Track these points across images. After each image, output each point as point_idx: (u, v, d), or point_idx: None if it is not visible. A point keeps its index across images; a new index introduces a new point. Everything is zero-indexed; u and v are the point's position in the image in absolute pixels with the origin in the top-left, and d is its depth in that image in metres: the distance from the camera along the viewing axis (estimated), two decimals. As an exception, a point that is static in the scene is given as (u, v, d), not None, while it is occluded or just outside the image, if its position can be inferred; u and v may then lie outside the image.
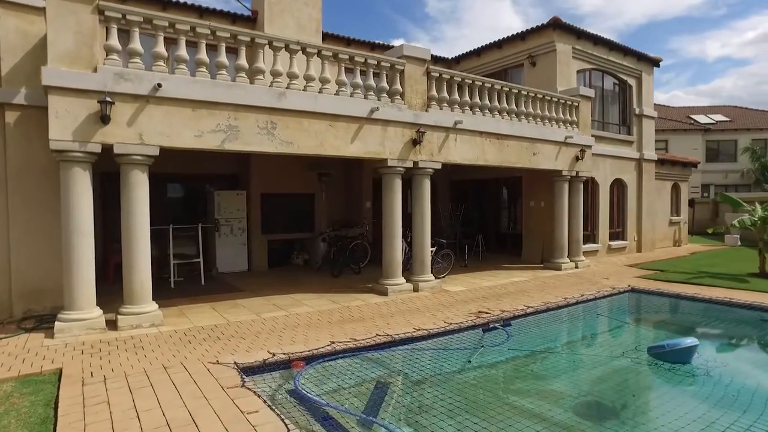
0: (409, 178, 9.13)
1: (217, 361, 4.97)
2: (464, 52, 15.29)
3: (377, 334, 6.08)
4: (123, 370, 4.79)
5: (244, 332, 6.29)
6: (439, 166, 9.20)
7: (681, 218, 17.78)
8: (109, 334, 5.99)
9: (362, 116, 8.13)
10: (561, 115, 11.53)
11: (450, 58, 15.52)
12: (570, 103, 11.71)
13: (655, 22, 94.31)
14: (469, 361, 5.44)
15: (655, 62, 15.59)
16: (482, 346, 5.89)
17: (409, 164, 8.80)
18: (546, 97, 11.11)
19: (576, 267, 11.93)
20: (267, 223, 11.85)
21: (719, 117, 34.79)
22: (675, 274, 11.07)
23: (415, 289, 8.93)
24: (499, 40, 14.16)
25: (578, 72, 13.58)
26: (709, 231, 13.78)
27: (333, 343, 5.69)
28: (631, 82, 15.26)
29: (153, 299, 6.59)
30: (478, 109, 9.86)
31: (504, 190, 14.92)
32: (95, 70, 5.91)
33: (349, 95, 8.11)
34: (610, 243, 14.45)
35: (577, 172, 11.94)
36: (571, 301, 8.28)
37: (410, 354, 5.76)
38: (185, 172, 11.65)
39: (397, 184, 8.78)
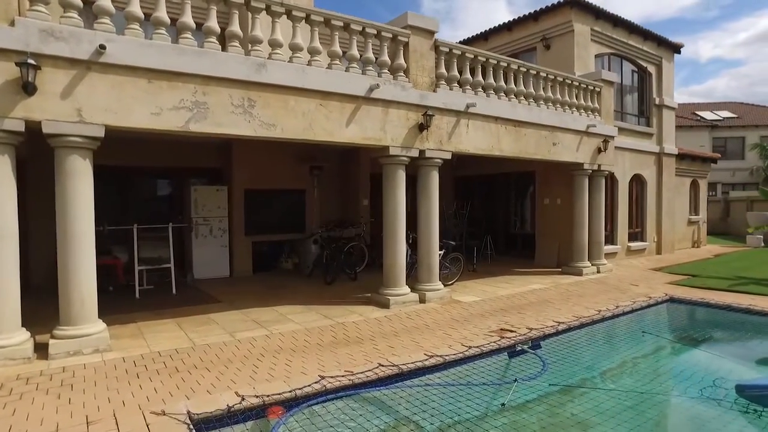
0: (412, 173, 7.82)
1: (163, 411, 3.64)
2: (470, 35, 14.03)
3: (380, 364, 4.77)
4: (24, 428, 3.45)
5: (211, 360, 4.96)
6: (448, 156, 7.91)
7: (700, 217, 16.60)
8: (35, 366, 4.65)
9: (359, 95, 6.83)
10: (582, 102, 10.28)
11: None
12: (592, 88, 10.46)
13: (649, 23, 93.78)
14: (503, 405, 4.14)
15: (676, 48, 14.39)
16: (515, 380, 4.60)
17: (415, 153, 7.51)
18: (566, 81, 9.85)
19: (598, 272, 10.69)
20: (251, 223, 10.52)
21: (726, 113, 33.76)
22: (711, 279, 9.84)
23: (422, 300, 7.64)
24: (508, 21, 12.90)
25: (596, 57, 12.35)
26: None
27: (323, 378, 4.38)
28: (651, 69, 14.04)
29: (109, 313, 5.33)
30: (492, 92, 8.58)
31: (514, 187, 13.63)
32: (12, 23, 4.56)
33: (344, 70, 6.80)
34: (630, 244, 13.23)
35: (599, 166, 10.69)
36: (606, 315, 7.02)
37: (423, 392, 4.46)
38: (158, 164, 10.31)
39: (401, 177, 7.48)
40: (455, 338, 5.81)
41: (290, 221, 11.09)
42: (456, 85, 8.05)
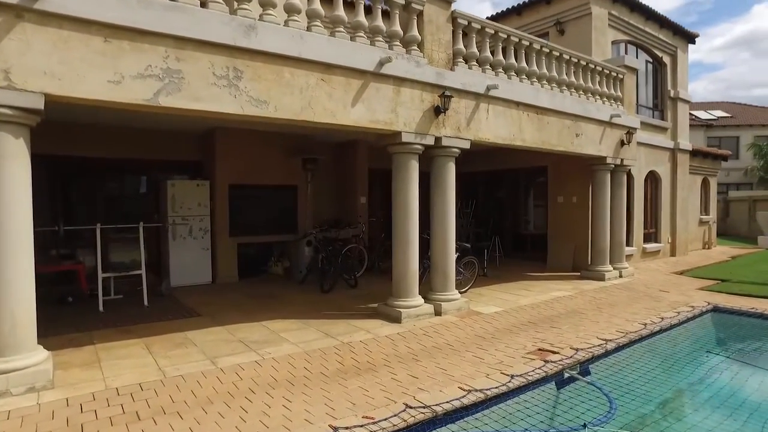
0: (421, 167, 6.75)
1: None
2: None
3: (407, 405, 3.68)
4: None
5: (185, 400, 3.81)
6: (467, 144, 6.86)
7: (710, 217, 15.87)
8: (-56, 414, 3.46)
9: (368, 70, 5.73)
10: (605, 89, 9.33)
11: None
12: (615, 75, 9.53)
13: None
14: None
15: (690, 38, 13.60)
16: (584, 425, 3.55)
17: (430, 141, 6.44)
18: (589, 66, 8.89)
19: (620, 276, 9.75)
20: (237, 223, 9.33)
21: (720, 113, 33.45)
22: (745, 285, 8.97)
23: (437, 312, 6.57)
24: (518, 5, 11.94)
25: (612, 44, 11.45)
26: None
27: (336, 429, 3.27)
28: (666, 59, 13.22)
29: (63, 331, 4.36)
30: (513, 74, 7.56)
31: (523, 184, 12.64)
32: None
33: (350, 39, 5.69)
34: (645, 246, 12.36)
35: (622, 160, 9.76)
36: (653, 329, 6.03)
37: (467, 444, 3.39)
38: (129, 156, 9.06)
39: (413, 169, 6.40)
40: (489, 363, 4.74)
41: (280, 221, 9.93)
42: (475, 64, 7.00)
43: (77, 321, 6.05)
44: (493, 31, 7.15)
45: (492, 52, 7.28)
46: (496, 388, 4.08)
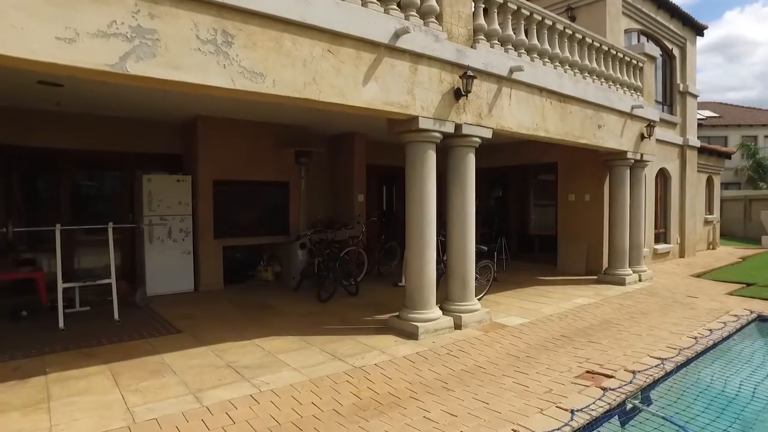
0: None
1: None
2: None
3: (457, 462, 2.82)
4: None
5: (160, 458, 2.89)
6: (488, 133, 6.03)
7: (714, 217, 15.41)
8: None
9: (381, 42, 4.85)
10: (626, 78, 8.62)
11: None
12: (635, 63, 8.83)
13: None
14: None
15: (699, 30, 13.06)
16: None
17: (449, 128, 5.58)
18: (611, 51, 8.16)
19: (640, 280, 9.06)
20: (222, 223, 8.34)
21: (708, 113, 33.44)
22: (774, 289, 8.37)
23: (457, 325, 5.72)
24: (524, -10, 11.16)
25: (624, 33, 10.78)
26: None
27: (371, 508, 2.39)
28: (675, 51, 12.64)
29: (7, 357, 3.16)
30: (536, 56, 6.77)
31: (531, 181, 11.89)
32: None
33: (361, 4, 4.80)
34: (656, 247, 11.74)
35: (642, 155, 9.08)
36: (707, 343, 5.28)
37: None
38: (100, 148, 8.00)
39: (431, 161, 5.54)
40: (537, 392, 3.91)
41: (271, 221, 8.97)
42: (497, 43, 6.18)
43: (30, 342, 5.03)
44: (515, 7, 6.34)
45: (513, 31, 6.47)
46: (558, 430, 3.24)
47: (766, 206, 20.10)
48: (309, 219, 9.50)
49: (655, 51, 9.59)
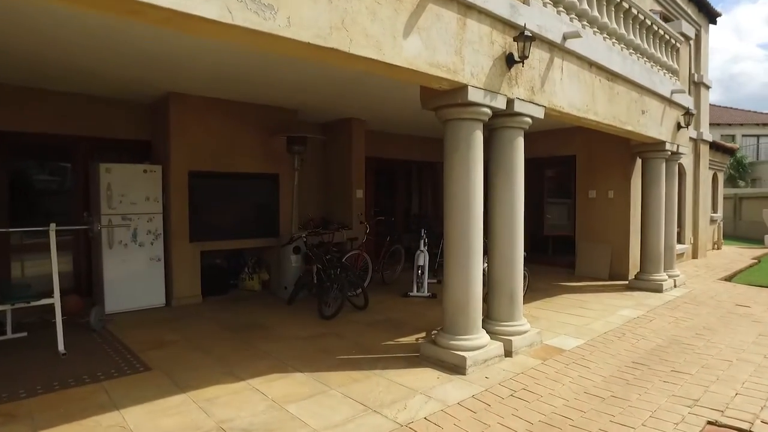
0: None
1: None
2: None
3: None
4: None
5: None
6: (540, 113, 4.89)
7: (719, 215, 14.84)
8: None
9: (426, -18, 3.63)
10: (665, 58, 7.66)
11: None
12: (673, 42, 7.88)
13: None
14: None
15: (713, 17, 12.33)
16: None
17: (501, 103, 4.40)
18: (653, 26, 7.15)
19: (675, 285, 8.13)
20: (199, 223, 6.94)
21: (687, 111, 33.55)
22: (823, 295, 7.57)
23: (507, 352, 4.55)
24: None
25: (644, 15, 9.87)
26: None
27: None
28: (690, 39, 11.86)
29: None
30: (587, 24, 5.67)
31: (545, 176, 10.84)
32: None
33: (401, -71, 3.56)
34: (673, 247, 10.92)
35: (678, 147, 8.16)
36: (817, 372, 4.29)
37: None
38: (48, 130, 6.48)
39: (478, 143, 4.34)
40: (668, 464, 2.77)
41: (258, 220, 7.60)
42: (549, 2, 5.04)
43: (-68, 391, 3.59)
44: (566, -40, 5.22)
45: (562, -8, 5.35)
46: None
47: (756, 204, 19.92)
48: (302, 218, 8.19)
49: (690, 31, 8.70)
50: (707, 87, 12.44)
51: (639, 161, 8.82)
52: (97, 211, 6.14)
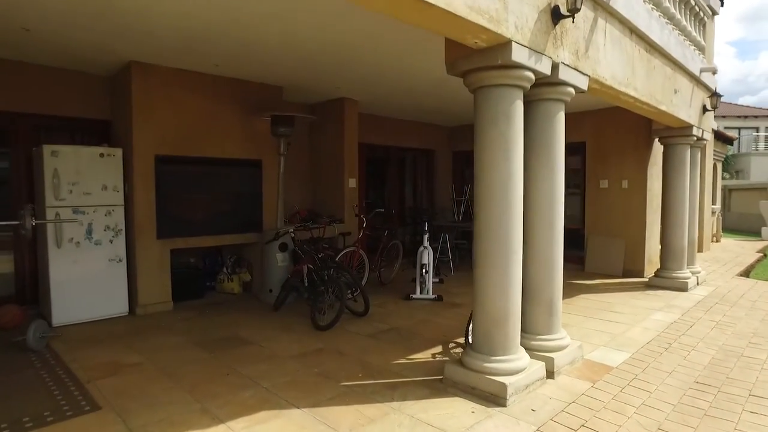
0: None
1: None
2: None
3: None
4: None
5: None
6: (584, 83, 4.06)
7: (718, 207, 14.43)
8: None
9: None
10: (695, 33, 6.94)
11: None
12: (702, 15, 7.17)
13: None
14: None
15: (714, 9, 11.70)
16: None
17: (545, 67, 3.54)
18: (685, -5, 6.41)
19: (697, 283, 7.49)
20: (169, 217, 5.92)
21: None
22: None
23: (549, 373, 3.74)
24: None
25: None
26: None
27: None
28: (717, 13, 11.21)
29: None
30: (627, -18, 4.85)
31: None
32: None
33: None
34: (681, 241, 10.34)
35: (702, 132, 7.48)
36: None
37: None
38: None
39: (518, 116, 3.47)
40: None
41: (238, 213, 6.61)
42: (593, -52, 4.19)
43: None
44: None
45: (602, -58, 4.50)
46: None
47: (745, 196, 19.75)
48: (286, 211, 7.25)
49: (716, 5, 8.01)
50: (712, 72, 11.84)
51: (655, 148, 8.17)
52: (41, 202, 5.07)
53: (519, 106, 3.46)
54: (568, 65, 3.77)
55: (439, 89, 7.12)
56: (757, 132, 31.60)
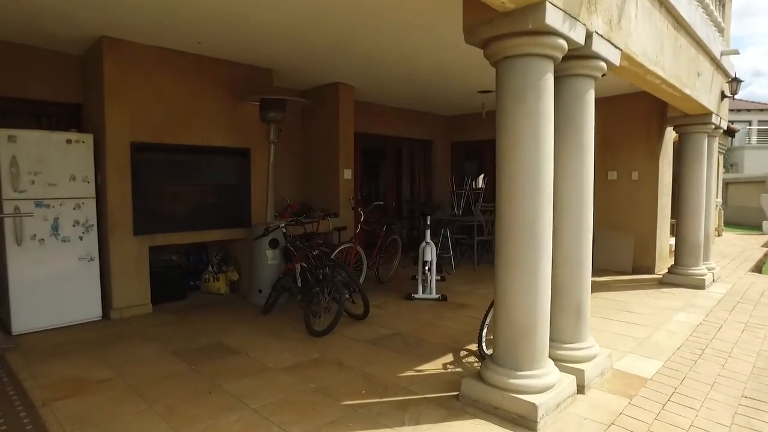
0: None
1: None
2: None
3: None
4: None
5: None
6: (616, 57, 3.57)
7: (720, 201, 14.13)
8: None
9: None
10: (716, 12, 6.49)
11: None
12: (721, -6, 6.73)
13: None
14: None
15: (727, -16, 11.29)
16: None
17: (579, 35, 3.04)
18: (708, -30, 5.94)
19: (713, 280, 7.10)
20: (147, 211, 5.36)
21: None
22: None
23: (579, 387, 3.28)
24: None
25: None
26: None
27: None
28: (706, 7, 10.81)
29: None
30: (657, -54, 4.37)
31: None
32: None
33: None
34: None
35: (720, 120, 7.06)
36: None
37: None
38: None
39: (549, 91, 2.97)
40: None
41: (224, 206, 6.06)
42: None
43: None
44: None
45: None
46: None
47: (743, 190, 19.54)
48: (277, 204, 6.71)
49: (734, -15, 7.57)
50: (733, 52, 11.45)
51: (666, 138, 7.75)
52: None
53: (550, 80, 2.96)
54: (601, 35, 3.28)
55: (440, 75, 6.63)
56: (750, 125, 31.54)
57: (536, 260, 2.94)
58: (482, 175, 9.37)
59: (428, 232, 6.14)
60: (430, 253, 6.01)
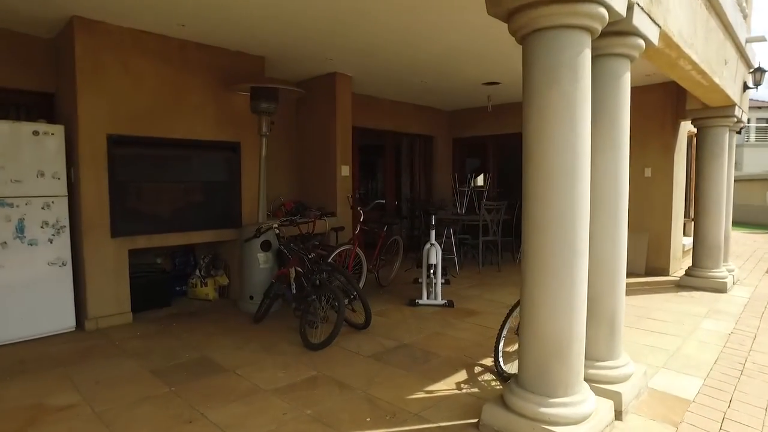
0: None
1: None
2: None
3: None
4: None
5: None
6: (655, 36, 3.14)
7: (726, 198, 13.77)
8: None
9: None
10: (740, -3, 6.09)
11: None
12: (745, -22, 6.31)
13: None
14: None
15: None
16: None
17: (620, 6, 2.60)
18: (734, -50, 5.52)
19: (734, 283, 6.71)
20: (126, 210, 4.87)
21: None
22: None
23: (618, 414, 2.85)
24: None
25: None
26: None
27: None
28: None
29: None
30: None
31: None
32: None
33: None
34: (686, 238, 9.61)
35: (741, 112, 6.67)
36: None
37: None
38: None
39: (586, 68, 2.53)
40: None
41: (212, 206, 5.58)
42: None
43: None
44: None
45: None
46: None
47: (745, 188, 19.24)
48: (269, 203, 6.26)
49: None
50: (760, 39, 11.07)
51: (680, 133, 7.36)
52: (-43, 192, 4.00)
53: (587, 57, 2.52)
54: (642, 8, 2.84)
55: (444, 65, 6.19)
56: (748, 123, 31.36)
57: (572, 269, 2.51)
58: (483, 174, 8.95)
59: (433, 233, 5.69)
60: (435, 255, 5.57)
